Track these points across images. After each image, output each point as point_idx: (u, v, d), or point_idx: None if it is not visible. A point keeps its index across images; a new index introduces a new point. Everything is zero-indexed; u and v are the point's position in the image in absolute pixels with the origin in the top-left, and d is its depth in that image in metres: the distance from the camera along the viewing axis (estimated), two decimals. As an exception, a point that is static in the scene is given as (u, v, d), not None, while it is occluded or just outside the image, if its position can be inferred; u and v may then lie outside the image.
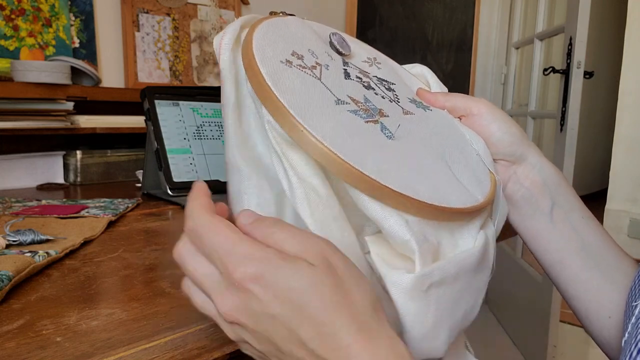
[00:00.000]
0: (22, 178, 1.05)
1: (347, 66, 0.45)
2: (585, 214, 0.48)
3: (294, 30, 0.44)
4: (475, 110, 0.47)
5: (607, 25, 4.19)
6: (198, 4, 1.44)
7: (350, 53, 0.47)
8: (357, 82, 0.43)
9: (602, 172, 3.89)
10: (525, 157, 0.47)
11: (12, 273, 0.42)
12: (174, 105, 0.94)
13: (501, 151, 0.47)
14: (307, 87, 0.38)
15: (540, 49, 1.93)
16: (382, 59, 0.52)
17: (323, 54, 0.44)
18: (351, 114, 0.38)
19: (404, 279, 0.34)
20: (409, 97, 0.48)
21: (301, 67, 0.39)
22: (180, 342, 0.35)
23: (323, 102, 0.37)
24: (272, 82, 0.35)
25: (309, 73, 0.39)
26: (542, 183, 0.47)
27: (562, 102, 1.64)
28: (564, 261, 0.48)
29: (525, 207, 0.48)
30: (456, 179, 0.40)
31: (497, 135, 0.46)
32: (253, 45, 0.38)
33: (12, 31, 1.09)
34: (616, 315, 0.46)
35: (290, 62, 0.39)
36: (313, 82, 0.39)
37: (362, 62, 0.49)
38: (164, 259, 0.53)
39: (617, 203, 2.67)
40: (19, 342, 0.33)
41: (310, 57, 0.42)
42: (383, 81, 0.47)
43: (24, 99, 0.98)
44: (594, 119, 4.30)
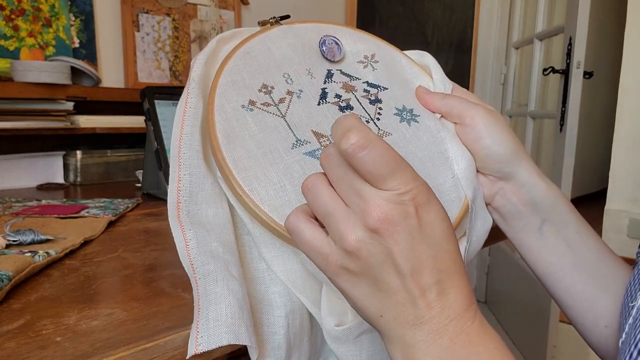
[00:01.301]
0: (22, 178, 1.05)
1: (329, 81, 0.45)
2: (581, 229, 0.47)
3: (273, 52, 0.44)
4: (469, 120, 0.45)
5: (607, 25, 4.19)
6: (198, 4, 1.44)
7: (341, 57, 0.47)
8: (332, 104, 0.43)
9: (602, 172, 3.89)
10: (513, 175, 0.46)
11: (12, 273, 0.42)
12: (174, 105, 0.94)
13: (488, 167, 0.46)
14: (265, 132, 0.39)
15: (540, 49, 1.93)
16: (382, 53, 0.50)
17: (302, 73, 0.44)
18: (307, 156, 0.39)
19: (332, 331, 0.37)
20: (397, 106, 0.46)
21: (266, 105, 0.41)
22: (180, 342, 0.35)
23: (278, 148, 0.39)
24: (223, 138, 0.38)
25: (272, 112, 0.41)
26: (531, 202, 0.46)
27: (561, 102, 1.64)
28: (557, 274, 0.47)
29: (513, 221, 0.48)
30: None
31: (486, 152, 0.45)
32: (217, 89, 0.40)
33: (12, 31, 1.09)
34: (613, 325, 0.46)
35: (253, 103, 0.40)
36: (274, 124, 0.40)
37: (356, 62, 0.48)
38: (164, 259, 0.53)
39: (617, 203, 2.67)
40: (19, 342, 0.33)
41: (284, 84, 0.42)
42: (372, 87, 0.46)
43: (24, 99, 0.98)
44: (594, 119, 4.30)
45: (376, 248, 0.29)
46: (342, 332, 0.37)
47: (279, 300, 0.38)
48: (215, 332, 0.32)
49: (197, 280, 0.35)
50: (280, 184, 0.38)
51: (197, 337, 0.32)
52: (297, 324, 0.39)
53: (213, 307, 0.33)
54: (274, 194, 0.37)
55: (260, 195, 0.37)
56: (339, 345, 0.38)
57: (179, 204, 0.38)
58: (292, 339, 0.38)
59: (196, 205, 0.38)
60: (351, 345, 0.38)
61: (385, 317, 0.30)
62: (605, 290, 0.46)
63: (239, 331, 0.32)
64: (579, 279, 0.47)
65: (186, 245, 0.36)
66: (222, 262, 0.36)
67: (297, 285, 0.39)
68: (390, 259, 0.29)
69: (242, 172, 0.37)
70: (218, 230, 0.38)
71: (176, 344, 0.35)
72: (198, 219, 0.38)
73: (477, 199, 0.46)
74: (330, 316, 0.37)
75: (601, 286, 0.46)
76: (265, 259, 0.39)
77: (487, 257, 2.33)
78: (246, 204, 0.37)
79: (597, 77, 2.11)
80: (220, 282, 0.35)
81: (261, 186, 0.37)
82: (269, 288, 0.39)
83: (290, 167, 0.39)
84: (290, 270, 0.39)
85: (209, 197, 0.39)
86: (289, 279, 0.39)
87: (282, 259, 0.39)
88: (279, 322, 0.38)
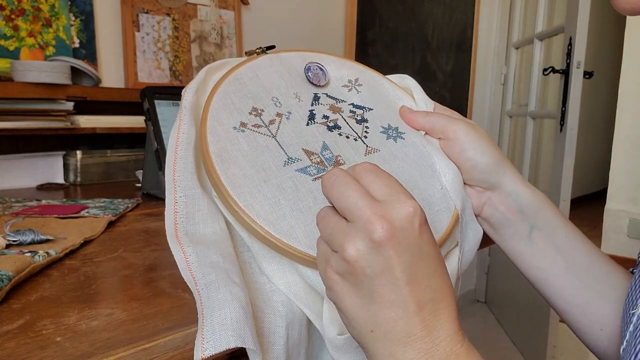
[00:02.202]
0: (22, 178, 1.05)
1: (316, 103, 0.46)
2: (570, 233, 0.48)
3: (261, 78, 0.46)
4: (452, 135, 0.47)
5: (607, 25, 4.19)
6: (198, 4, 1.44)
7: (327, 82, 0.49)
8: (321, 125, 0.45)
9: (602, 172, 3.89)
10: (499, 184, 0.47)
11: (12, 273, 0.42)
12: (174, 105, 0.94)
13: (474, 178, 0.47)
14: (257, 152, 0.41)
15: (540, 49, 1.93)
16: (366, 77, 0.52)
17: (289, 97, 0.46)
18: (299, 173, 0.41)
19: (334, 340, 0.37)
20: (383, 125, 0.48)
21: (256, 126, 0.42)
22: (180, 342, 0.35)
23: (271, 166, 0.40)
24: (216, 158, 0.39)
25: (263, 132, 0.42)
26: (518, 209, 0.47)
27: (561, 102, 1.64)
28: (548, 280, 0.48)
29: (502, 230, 0.48)
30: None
31: (471, 163, 0.46)
32: (209, 113, 0.41)
33: (12, 31, 1.09)
34: (609, 327, 0.46)
35: (244, 125, 0.42)
36: (265, 144, 0.42)
37: (341, 86, 0.50)
38: (164, 259, 0.53)
39: (616, 203, 2.67)
40: (19, 342, 0.33)
41: (273, 107, 0.44)
42: (358, 109, 0.48)
43: (24, 99, 0.98)
44: (594, 119, 4.30)
45: (375, 259, 0.29)
46: (344, 340, 0.37)
47: (281, 309, 0.39)
48: (222, 335, 0.32)
49: (199, 291, 0.35)
50: (275, 199, 0.39)
51: (203, 342, 0.32)
52: (296, 336, 0.39)
53: (217, 313, 0.33)
54: (269, 209, 0.38)
55: (255, 210, 0.38)
56: (341, 354, 0.38)
57: (177, 224, 0.39)
58: (291, 349, 0.39)
59: (194, 225, 0.39)
60: (353, 355, 0.38)
61: (376, 332, 0.30)
62: (600, 294, 0.46)
63: (245, 334, 0.33)
64: (571, 284, 0.47)
65: (186, 260, 0.37)
66: (223, 271, 0.36)
67: (299, 297, 0.39)
68: (389, 271, 0.29)
69: (237, 189, 0.39)
70: (217, 245, 0.39)
71: (176, 344, 0.35)
72: (197, 238, 0.39)
73: (466, 209, 0.47)
74: (332, 325, 0.37)
75: (595, 290, 0.47)
76: (265, 273, 0.40)
77: (487, 257, 2.33)
78: (242, 220, 0.38)
79: (597, 77, 2.11)
80: (223, 288, 0.35)
81: (256, 202, 0.38)
82: (271, 298, 0.39)
83: (283, 183, 0.40)
84: (292, 283, 0.40)
85: (205, 217, 0.40)
86: (290, 291, 0.39)
87: (283, 272, 0.40)
88: (279, 332, 0.38)
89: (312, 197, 0.40)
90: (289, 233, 0.38)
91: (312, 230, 0.38)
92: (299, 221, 0.39)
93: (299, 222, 0.39)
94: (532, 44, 1.95)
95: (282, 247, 0.37)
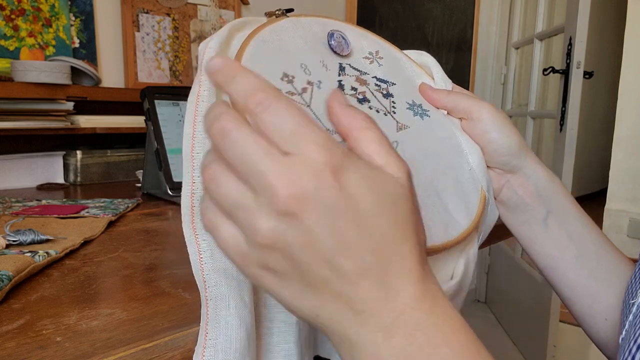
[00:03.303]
0: (22, 178, 1.05)
1: (343, 74, 0.44)
2: (582, 220, 0.48)
3: (287, 41, 0.41)
4: (476, 115, 0.45)
5: (607, 25, 4.19)
6: (198, 4, 1.44)
7: (349, 52, 0.46)
8: (350, 96, 0.42)
9: (602, 172, 3.89)
10: (519, 168, 0.47)
11: (12, 273, 0.42)
12: (174, 105, 0.94)
13: (496, 160, 0.46)
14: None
15: (540, 49, 1.93)
16: (385, 51, 0.49)
17: (317, 65, 0.42)
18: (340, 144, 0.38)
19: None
20: (408, 101, 0.46)
21: (290, 93, 0.37)
22: (180, 342, 0.35)
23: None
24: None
25: (298, 100, 0.37)
26: (536, 193, 0.47)
27: (561, 102, 1.64)
28: (559, 268, 0.48)
29: (519, 214, 0.48)
30: (444, 207, 0.40)
31: (494, 145, 0.45)
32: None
33: (12, 31, 1.09)
34: (612, 318, 0.46)
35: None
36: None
37: (362, 58, 0.47)
38: (164, 259, 0.53)
39: (617, 203, 2.67)
40: (19, 342, 0.33)
41: (302, 75, 0.39)
42: (382, 82, 0.46)
43: (24, 99, 0.98)
44: (594, 119, 4.30)
45: (293, 234, 0.23)
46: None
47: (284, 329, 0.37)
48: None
49: (207, 301, 0.33)
50: None
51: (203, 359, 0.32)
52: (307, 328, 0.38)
53: (223, 336, 0.32)
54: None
55: None
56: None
57: (193, 208, 0.34)
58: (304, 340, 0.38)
59: None
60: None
61: (322, 317, 0.25)
62: (606, 284, 0.47)
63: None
64: (581, 272, 0.47)
65: (200, 258, 0.33)
66: (235, 284, 0.34)
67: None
68: (311, 244, 0.23)
69: None
70: None
71: (176, 344, 0.35)
72: None
73: (489, 191, 0.46)
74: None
75: (602, 280, 0.47)
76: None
77: (487, 257, 2.33)
78: None
79: (597, 77, 2.11)
80: (233, 309, 0.33)
81: None
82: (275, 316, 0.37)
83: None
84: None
85: None
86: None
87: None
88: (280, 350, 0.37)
89: None
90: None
91: None
92: None
93: None
94: (532, 44, 1.95)
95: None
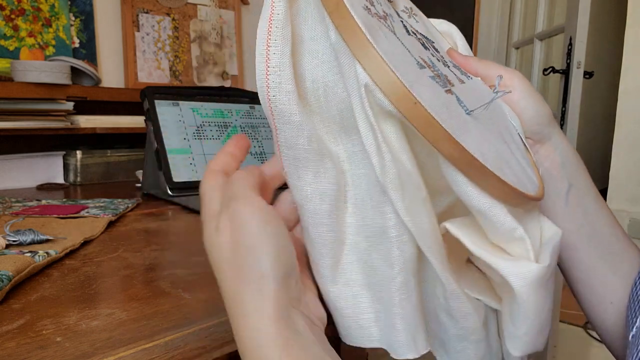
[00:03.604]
0: (22, 178, 1.05)
1: (400, 17, 0.39)
2: (598, 200, 0.48)
3: None
4: (509, 82, 0.44)
5: (607, 25, 4.19)
6: (198, 4, 1.44)
7: (393, 0, 0.41)
8: (415, 39, 0.37)
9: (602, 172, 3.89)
10: (549, 137, 0.46)
11: (12, 273, 0.42)
12: (174, 105, 0.94)
13: (529, 129, 0.45)
14: (391, 43, 0.31)
15: (540, 49, 1.93)
16: (416, 10, 0.46)
17: (381, 1, 0.36)
18: (432, 81, 0.32)
19: (533, 270, 0.32)
20: (448, 60, 0.42)
21: (377, 16, 0.32)
22: (180, 342, 0.35)
23: (411, 65, 0.31)
24: (369, 34, 0.28)
25: (385, 25, 0.33)
26: (561, 165, 0.46)
27: (562, 102, 1.64)
28: (573, 245, 0.47)
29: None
30: (519, 162, 0.37)
31: (529, 113, 0.44)
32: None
33: (12, 31, 1.09)
34: (618, 302, 0.46)
35: (369, 10, 0.32)
36: (393, 38, 0.32)
37: (401, 11, 0.42)
38: (164, 259, 0.53)
39: (617, 203, 2.67)
40: (19, 342, 0.33)
41: (377, 3, 0.35)
42: (425, 39, 0.41)
43: (24, 99, 0.98)
44: (594, 119, 4.30)
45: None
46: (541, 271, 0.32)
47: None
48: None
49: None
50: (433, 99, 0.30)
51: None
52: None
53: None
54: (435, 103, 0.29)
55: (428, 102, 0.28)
56: (534, 291, 0.33)
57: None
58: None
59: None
60: (545, 292, 0.33)
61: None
62: (615, 268, 0.46)
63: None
64: (592, 253, 0.47)
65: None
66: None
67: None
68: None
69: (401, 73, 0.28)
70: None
71: (176, 344, 0.35)
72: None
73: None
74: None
75: (611, 264, 0.47)
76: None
77: (487, 257, 2.32)
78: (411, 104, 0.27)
79: (597, 77, 2.11)
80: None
81: (422, 92, 0.29)
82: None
83: (430, 85, 0.31)
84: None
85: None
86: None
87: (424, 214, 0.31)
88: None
89: (457, 110, 0.32)
90: (462, 139, 0.28)
91: (476, 141, 0.31)
92: (462, 127, 0.30)
93: (462, 129, 0.30)
94: (532, 44, 1.95)
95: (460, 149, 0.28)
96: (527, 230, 0.33)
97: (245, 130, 1.01)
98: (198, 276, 0.48)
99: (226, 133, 0.98)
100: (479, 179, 0.29)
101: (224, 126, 0.99)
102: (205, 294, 0.43)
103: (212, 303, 0.41)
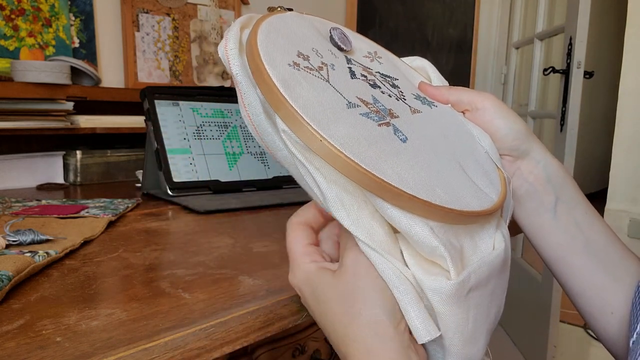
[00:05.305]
0: (22, 178, 1.05)
1: (350, 63, 0.44)
2: (589, 211, 0.48)
3: (295, 29, 0.42)
4: (480, 104, 0.46)
5: (607, 25, 4.19)
6: (198, 4, 1.44)
7: (351, 49, 0.46)
8: (363, 80, 0.42)
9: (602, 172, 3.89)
10: (529, 152, 0.47)
11: (12, 273, 0.42)
12: (174, 105, 0.94)
13: (506, 146, 0.46)
14: (317, 91, 0.36)
15: (540, 49, 1.93)
16: (382, 52, 0.50)
17: (326, 52, 0.42)
18: (363, 117, 0.37)
19: (445, 286, 0.34)
20: (413, 93, 0.46)
21: (308, 69, 0.38)
22: (180, 342, 0.35)
23: (335, 106, 0.36)
24: (283, 89, 0.33)
25: (316, 75, 0.38)
26: (546, 179, 0.47)
27: (562, 102, 1.64)
28: (567, 258, 0.47)
29: (528, 203, 0.48)
30: (471, 180, 0.39)
31: (503, 131, 0.46)
32: (259, 48, 0.36)
33: (12, 31, 1.09)
34: (619, 312, 0.46)
35: (297, 65, 0.37)
36: (322, 86, 0.37)
37: (363, 57, 0.47)
38: (164, 259, 0.53)
39: (617, 203, 2.67)
40: (19, 342, 0.33)
41: (316, 56, 0.40)
42: (387, 77, 0.46)
43: (24, 99, 0.98)
44: (594, 119, 4.30)
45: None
46: (454, 286, 0.34)
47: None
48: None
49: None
50: (355, 135, 0.34)
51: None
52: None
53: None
54: (351, 141, 0.33)
55: (340, 141, 0.32)
56: (450, 306, 0.34)
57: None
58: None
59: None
60: (462, 307, 0.35)
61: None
62: (613, 277, 0.46)
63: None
64: (589, 263, 0.47)
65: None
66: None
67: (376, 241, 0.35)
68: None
69: (314, 119, 0.33)
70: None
71: (176, 344, 0.35)
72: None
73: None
74: (426, 271, 0.34)
75: (609, 273, 0.46)
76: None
77: (487, 257, 2.32)
78: (327, 149, 0.32)
79: (597, 77, 2.11)
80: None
81: (337, 133, 0.33)
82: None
83: (356, 123, 0.35)
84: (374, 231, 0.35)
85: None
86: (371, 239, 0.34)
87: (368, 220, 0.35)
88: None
89: (389, 139, 0.36)
90: (380, 169, 0.32)
91: (401, 168, 0.34)
92: (385, 157, 0.34)
93: (385, 158, 0.34)
94: (532, 44, 1.95)
95: (372, 178, 0.31)
96: (463, 246, 0.36)
97: (245, 130, 1.01)
98: (198, 276, 0.48)
99: (226, 133, 0.98)
100: (395, 200, 0.33)
101: (224, 126, 0.99)
102: (205, 294, 0.43)
103: (212, 303, 0.41)
